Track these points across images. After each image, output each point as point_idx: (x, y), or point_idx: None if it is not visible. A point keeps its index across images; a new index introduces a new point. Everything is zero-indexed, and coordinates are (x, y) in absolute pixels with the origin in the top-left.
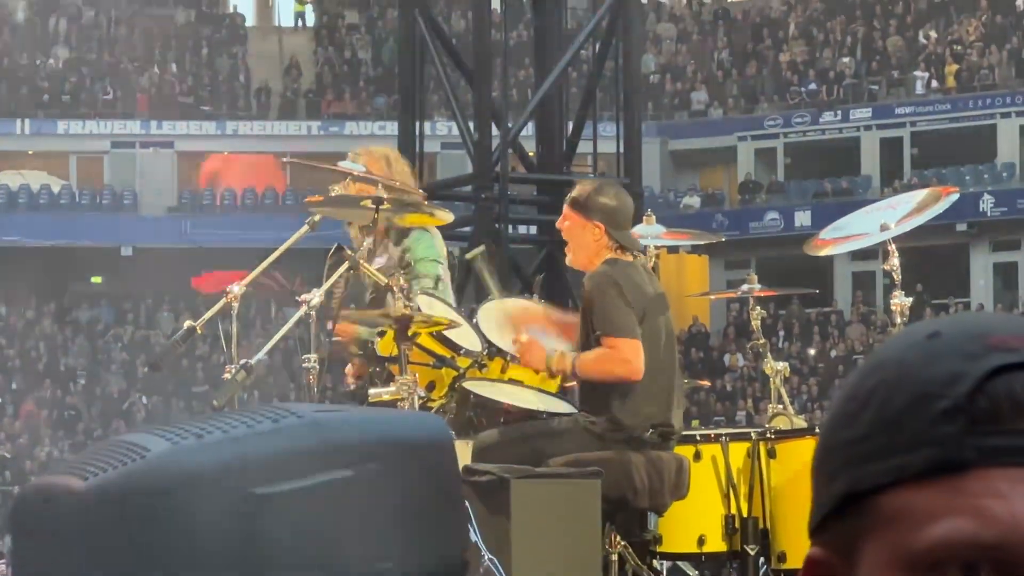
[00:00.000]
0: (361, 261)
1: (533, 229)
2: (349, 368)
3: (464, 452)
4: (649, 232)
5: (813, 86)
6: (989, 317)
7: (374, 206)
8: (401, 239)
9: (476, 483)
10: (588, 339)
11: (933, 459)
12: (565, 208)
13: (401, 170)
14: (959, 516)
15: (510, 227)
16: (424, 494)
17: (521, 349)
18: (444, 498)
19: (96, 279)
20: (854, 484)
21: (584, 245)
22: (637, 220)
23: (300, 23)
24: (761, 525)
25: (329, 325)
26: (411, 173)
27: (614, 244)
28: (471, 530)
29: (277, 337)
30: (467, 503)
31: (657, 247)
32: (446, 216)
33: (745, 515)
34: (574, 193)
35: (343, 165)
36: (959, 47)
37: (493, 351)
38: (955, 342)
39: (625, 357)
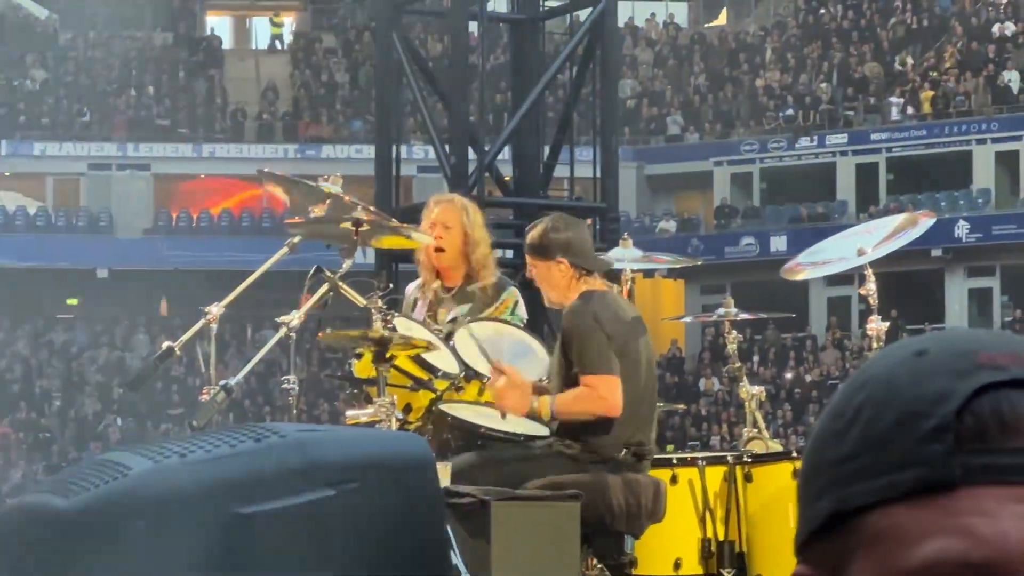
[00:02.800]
0: (340, 283)
1: (509, 253)
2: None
3: (444, 474)
4: (626, 255)
5: (789, 111)
6: (977, 334)
7: (353, 228)
8: (499, 293)
9: (456, 505)
10: (567, 374)
11: (921, 478)
12: (527, 258)
13: (477, 221)
14: (948, 535)
15: None
16: (405, 514)
17: (500, 392)
18: (425, 518)
19: (72, 301)
20: (841, 503)
21: (555, 284)
22: (614, 244)
23: (277, 46)
24: (737, 549)
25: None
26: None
27: (581, 272)
28: (452, 552)
29: (257, 358)
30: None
31: (633, 271)
32: (424, 239)
33: (721, 539)
34: (528, 240)
35: (323, 186)
36: (935, 73)
37: (471, 374)
38: (943, 360)
39: (602, 395)
